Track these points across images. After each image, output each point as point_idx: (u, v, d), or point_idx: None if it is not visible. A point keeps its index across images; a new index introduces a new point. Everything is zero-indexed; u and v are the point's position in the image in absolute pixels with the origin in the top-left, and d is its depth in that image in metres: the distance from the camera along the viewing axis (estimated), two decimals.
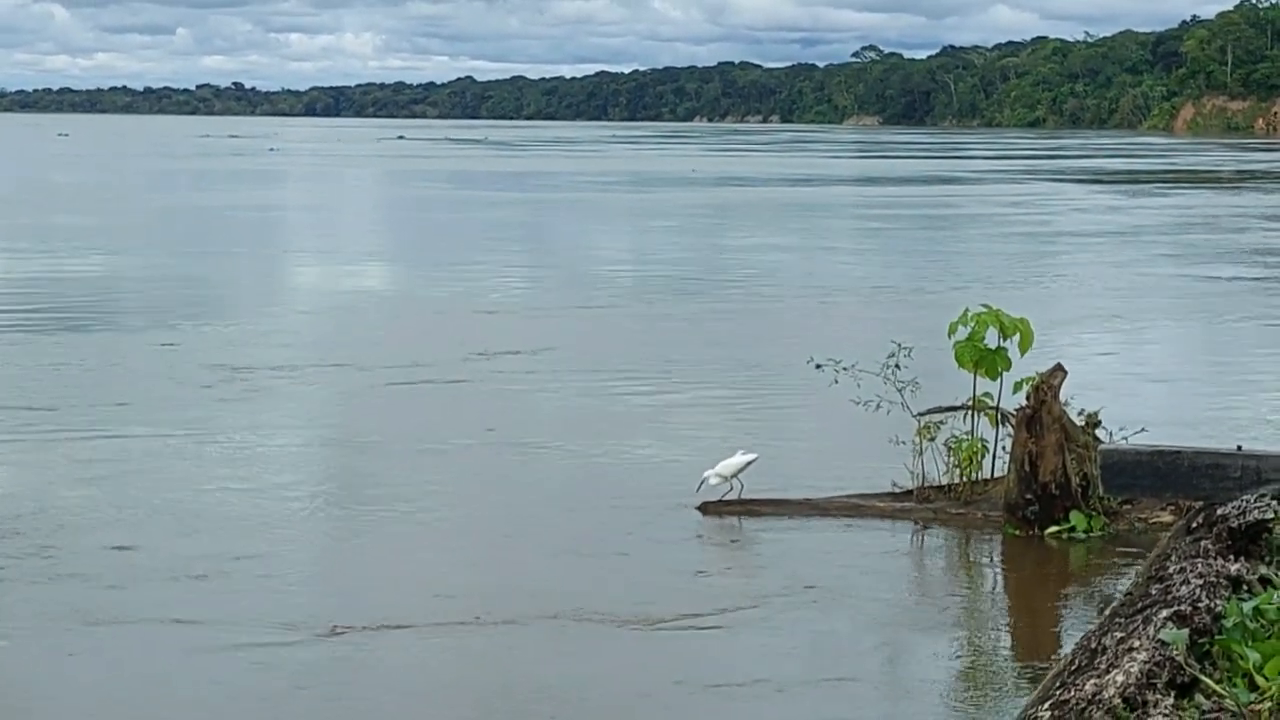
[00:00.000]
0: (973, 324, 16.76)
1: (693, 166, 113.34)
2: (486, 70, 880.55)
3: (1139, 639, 9.88)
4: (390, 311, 33.31)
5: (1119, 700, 8.90)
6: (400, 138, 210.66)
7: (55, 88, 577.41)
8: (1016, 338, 16.73)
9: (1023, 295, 33.39)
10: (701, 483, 16.62)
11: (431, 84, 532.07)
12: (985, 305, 17.11)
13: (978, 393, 16.99)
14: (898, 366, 17.24)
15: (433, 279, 39.95)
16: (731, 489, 16.63)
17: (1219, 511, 13.35)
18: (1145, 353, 28.23)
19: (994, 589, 15.22)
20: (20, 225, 55.60)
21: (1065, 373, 16.03)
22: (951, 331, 16.84)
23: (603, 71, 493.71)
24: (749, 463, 16.65)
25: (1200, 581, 11.13)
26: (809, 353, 18.93)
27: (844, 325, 30.25)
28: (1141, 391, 23.48)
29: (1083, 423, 16.14)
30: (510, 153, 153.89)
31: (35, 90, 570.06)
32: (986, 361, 16.74)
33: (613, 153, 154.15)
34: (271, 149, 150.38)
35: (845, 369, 17.43)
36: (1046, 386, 15.85)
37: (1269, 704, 9.10)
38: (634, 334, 30.19)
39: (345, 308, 33.77)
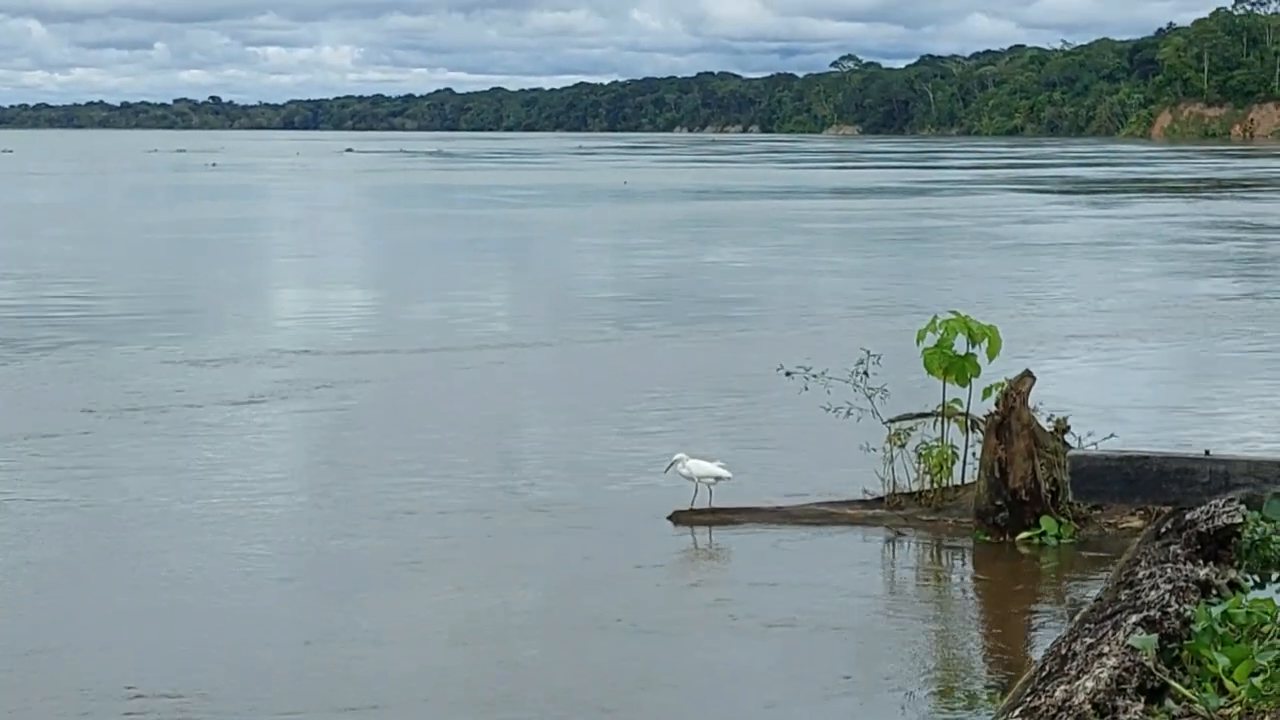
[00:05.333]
0: (941, 330, 16.71)
1: (624, 179, 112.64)
2: (465, 82, 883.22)
3: (1109, 645, 9.83)
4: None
5: (1089, 706, 8.85)
6: (349, 150, 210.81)
7: (32, 104, 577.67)
8: (985, 344, 16.68)
9: (998, 308, 33.39)
10: (671, 465, 16.70)
11: (410, 96, 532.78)
12: (954, 312, 17.06)
13: (947, 399, 16.95)
14: (866, 374, 17.21)
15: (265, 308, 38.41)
16: (697, 492, 16.59)
17: (1188, 516, 13.32)
18: (1121, 366, 28.14)
19: (965, 596, 15.17)
20: None
21: (1034, 379, 16.00)
22: (920, 338, 16.79)
23: (582, 83, 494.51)
24: (720, 478, 16.61)
25: (1169, 586, 11.09)
26: (776, 363, 18.88)
27: (813, 338, 30.18)
28: (1113, 402, 23.45)
29: (1052, 428, 16.10)
30: (454, 166, 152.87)
31: (11, 106, 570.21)
32: (955, 368, 16.69)
33: (563, 164, 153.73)
34: (212, 164, 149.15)
35: (814, 376, 17.38)
36: (1015, 393, 15.81)
37: (1238, 708, 9.07)
38: (572, 353, 29.87)
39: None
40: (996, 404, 15.94)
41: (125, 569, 15.22)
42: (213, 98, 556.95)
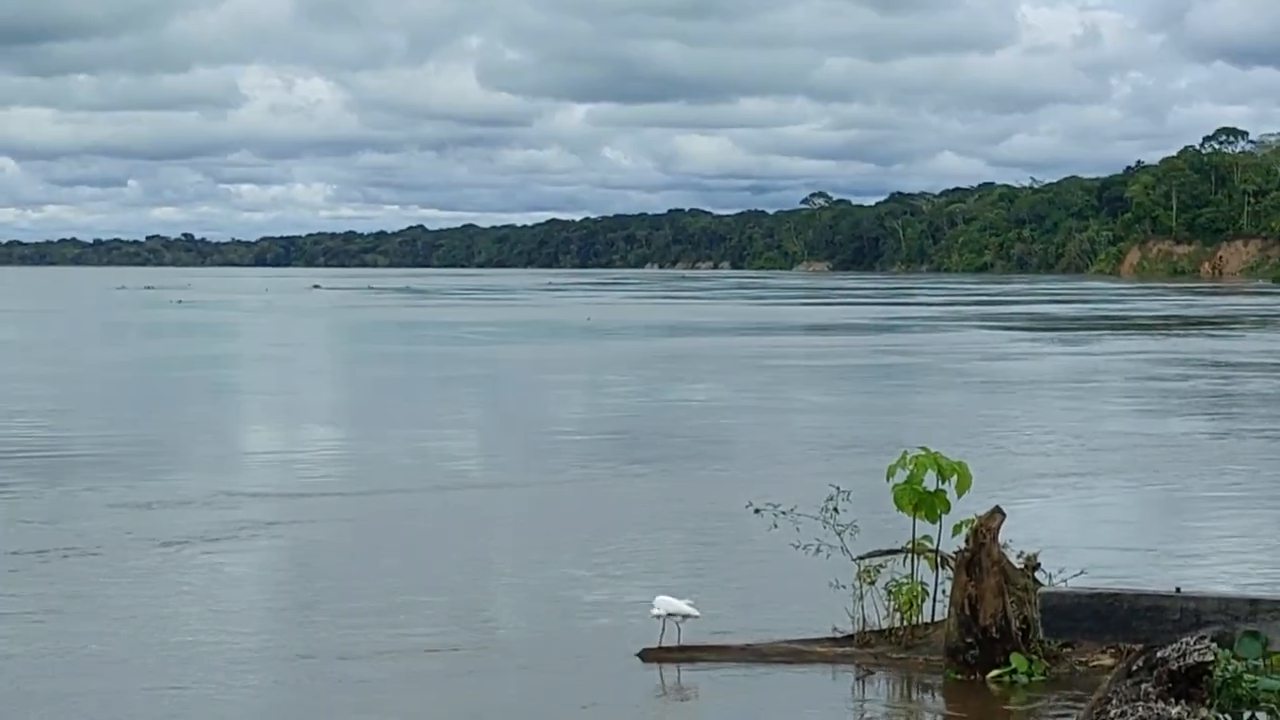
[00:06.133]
0: (911, 467, 16.68)
1: (588, 316, 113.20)
2: (438, 219, 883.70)
3: None
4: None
5: None
6: (316, 287, 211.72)
7: (3, 241, 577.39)
8: (954, 480, 16.65)
9: (967, 444, 33.41)
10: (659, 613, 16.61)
11: (382, 233, 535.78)
12: (923, 448, 17.04)
13: (917, 536, 16.89)
14: (836, 510, 17.14)
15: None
16: (665, 630, 16.48)
17: (1159, 654, 13.19)
18: (1090, 503, 28.14)
19: None
20: None
21: (1004, 515, 15.95)
22: (890, 474, 16.75)
23: (553, 219, 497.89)
24: (687, 616, 16.52)
25: None
26: (745, 500, 18.84)
27: (783, 475, 30.14)
28: (1083, 538, 23.45)
29: (1022, 565, 16.04)
30: (423, 302, 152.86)
31: None
32: (925, 504, 16.66)
33: (533, 300, 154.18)
34: (178, 301, 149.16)
35: (784, 513, 17.32)
36: (985, 529, 15.75)
37: None
38: (538, 493, 29.73)
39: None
40: (966, 540, 15.89)
41: (42, 716, 14.71)
42: (185, 234, 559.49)
